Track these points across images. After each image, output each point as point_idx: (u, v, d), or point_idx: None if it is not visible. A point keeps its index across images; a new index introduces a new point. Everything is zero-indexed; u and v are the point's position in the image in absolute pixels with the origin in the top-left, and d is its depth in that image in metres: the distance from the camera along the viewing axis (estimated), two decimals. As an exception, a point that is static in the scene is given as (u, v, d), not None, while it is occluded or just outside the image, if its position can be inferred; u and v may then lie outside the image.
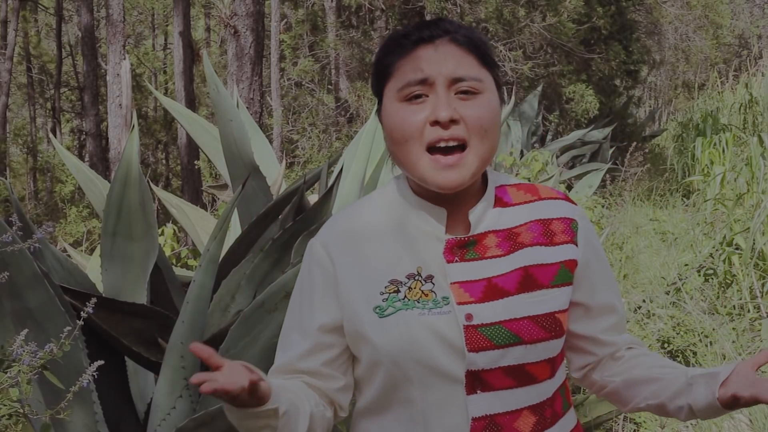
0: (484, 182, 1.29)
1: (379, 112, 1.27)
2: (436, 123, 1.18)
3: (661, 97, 19.90)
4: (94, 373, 1.64)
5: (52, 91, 18.24)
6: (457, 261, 1.23)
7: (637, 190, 9.12)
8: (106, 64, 10.23)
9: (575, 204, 1.31)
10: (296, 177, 8.05)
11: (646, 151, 11.18)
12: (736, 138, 8.79)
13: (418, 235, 1.25)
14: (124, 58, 8.89)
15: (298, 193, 2.58)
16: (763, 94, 10.26)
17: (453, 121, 1.18)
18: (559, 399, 1.28)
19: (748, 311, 4.66)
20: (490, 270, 1.22)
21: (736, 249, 5.09)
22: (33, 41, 18.65)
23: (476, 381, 1.20)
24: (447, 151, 1.18)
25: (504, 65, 9.30)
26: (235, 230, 3.28)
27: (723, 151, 8.18)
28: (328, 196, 2.49)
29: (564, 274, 1.25)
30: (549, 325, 1.21)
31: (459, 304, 1.20)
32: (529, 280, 1.22)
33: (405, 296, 1.22)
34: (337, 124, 10.93)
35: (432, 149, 1.19)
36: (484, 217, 1.26)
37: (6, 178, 12.19)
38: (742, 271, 4.88)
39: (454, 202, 1.25)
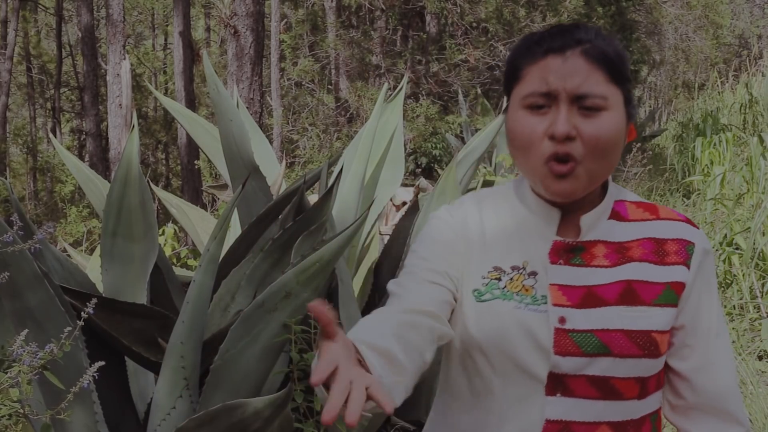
0: (603, 193, 1.28)
1: (506, 110, 1.28)
2: (552, 137, 1.18)
3: (661, 97, 19.91)
4: (95, 374, 1.64)
5: (52, 91, 18.25)
6: (561, 263, 1.23)
7: (637, 190, 9.12)
8: (106, 64, 10.22)
9: (697, 228, 1.27)
10: (296, 177, 8.05)
11: (647, 151, 11.17)
12: (736, 138, 8.79)
13: (531, 232, 1.26)
14: (124, 58, 8.90)
15: (298, 193, 2.58)
16: (763, 94, 10.26)
17: (569, 138, 1.18)
18: (648, 425, 1.25)
19: (748, 311, 4.66)
20: (593, 278, 1.22)
21: (736, 249, 5.09)
22: (33, 41, 18.66)
23: (558, 384, 1.19)
24: (562, 160, 1.19)
25: (504, 65, 9.31)
26: (235, 230, 3.28)
27: (723, 151, 8.18)
28: (328, 196, 2.49)
29: (669, 295, 1.22)
30: (643, 343, 1.19)
31: (554, 305, 1.20)
32: (630, 294, 1.21)
33: (505, 286, 1.23)
34: (337, 124, 10.93)
35: (548, 160, 1.20)
36: (597, 225, 1.25)
37: (6, 178, 12.19)
38: (742, 271, 4.88)
39: (569, 207, 1.25)
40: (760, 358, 4.19)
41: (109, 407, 2.29)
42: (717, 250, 5.26)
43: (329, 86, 11.96)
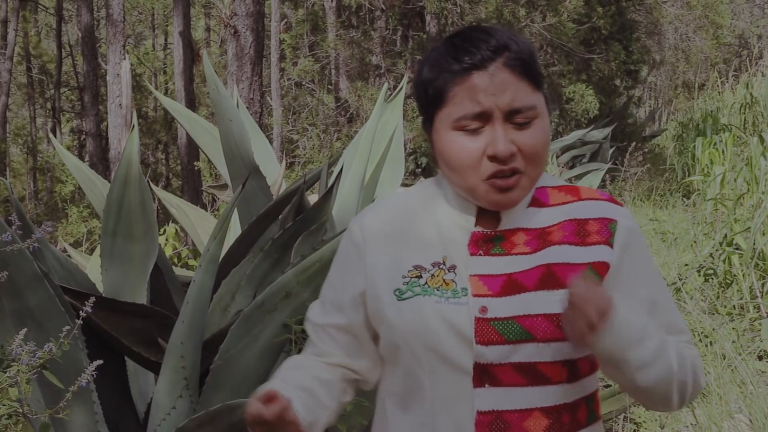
0: None
1: (427, 130, 1.28)
2: (494, 158, 1.19)
3: (661, 97, 19.90)
4: (94, 373, 1.64)
5: (52, 91, 18.25)
6: (480, 254, 1.24)
7: (637, 190, 9.13)
8: (106, 64, 10.23)
9: (620, 205, 1.28)
10: (296, 177, 8.05)
11: (646, 151, 11.17)
12: (736, 138, 8.79)
13: (449, 226, 1.27)
14: (124, 58, 8.90)
15: (298, 193, 2.58)
16: (763, 94, 10.26)
17: (512, 156, 1.20)
18: (583, 408, 1.25)
19: (748, 311, 4.66)
20: (513, 266, 1.23)
21: (736, 249, 5.09)
22: (33, 41, 18.65)
23: (485, 375, 1.20)
24: (506, 175, 1.21)
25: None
26: (235, 230, 3.28)
27: (723, 151, 8.18)
28: (328, 196, 2.49)
29: (591, 275, 1.21)
30: None
31: (475, 296, 1.21)
32: (550, 278, 1.21)
33: (426, 283, 1.24)
34: (337, 124, 10.93)
35: (491, 177, 1.21)
36: (517, 214, 1.26)
37: (6, 178, 12.19)
38: (742, 271, 4.88)
39: None
40: (760, 358, 4.19)
41: (109, 407, 2.29)
42: (717, 250, 5.26)
43: (329, 86, 11.96)
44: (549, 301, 1.19)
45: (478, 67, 1.20)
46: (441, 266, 1.24)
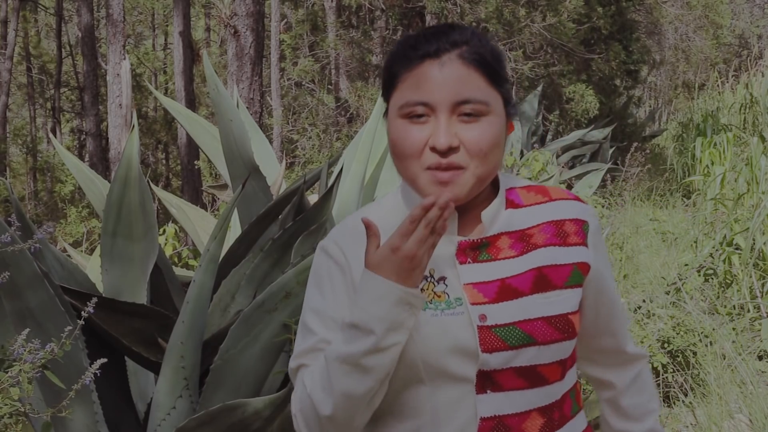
0: (494, 185, 1.28)
1: (386, 117, 1.27)
2: (434, 149, 1.17)
3: (661, 97, 19.91)
4: (96, 371, 1.64)
5: (52, 91, 18.25)
6: (469, 262, 1.22)
7: (637, 190, 9.13)
8: (106, 64, 10.22)
9: (585, 204, 1.30)
10: (296, 177, 8.04)
11: (646, 151, 11.18)
12: (737, 138, 8.79)
13: None
14: (124, 58, 8.90)
15: (298, 193, 2.58)
16: (763, 94, 10.26)
17: (451, 149, 1.17)
18: (569, 401, 1.28)
19: (748, 311, 4.66)
20: (504, 271, 1.22)
21: (736, 249, 5.09)
22: (33, 41, 18.66)
23: (487, 381, 1.20)
24: (445, 169, 1.18)
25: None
26: (235, 230, 3.28)
27: (723, 151, 8.18)
28: (328, 196, 2.49)
29: (577, 275, 1.24)
30: (562, 326, 1.21)
31: (473, 304, 1.20)
32: (542, 280, 1.22)
33: None
34: (337, 124, 10.93)
35: (430, 168, 1.19)
36: (497, 218, 1.25)
37: (6, 178, 12.19)
38: (742, 271, 4.88)
39: (464, 205, 1.24)
40: (760, 358, 4.19)
41: (109, 407, 2.29)
42: (717, 250, 5.27)
43: (329, 86, 11.96)
44: (545, 304, 1.20)
45: (431, 56, 1.18)
46: (429, 279, 1.22)
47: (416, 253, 1.10)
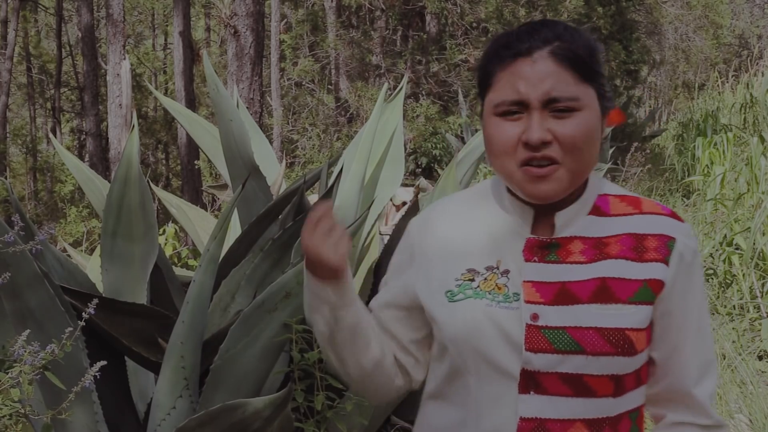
0: (583, 189, 1.28)
1: (481, 116, 1.29)
2: (528, 144, 1.19)
3: (661, 97, 19.91)
4: (97, 373, 1.64)
5: (52, 91, 18.25)
6: (535, 261, 1.23)
7: (637, 190, 9.12)
8: (106, 64, 10.22)
9: (681, 222, 1.25)
10: (296, 177, 8.04)
11: (646, 151, 11.17)
12: (737, 138, 8.79)
13: (504, 230, 1.27)
14: (124, 58, 8.90)
15: (298, 193, 2.58)
16: (763, 94, 10.26)
17: (544, 143, 1.18)
18: (626, 422, 1.24)
19: (748, 311, 4.66)
20: (568, 275, 1.21)
21: (736, 249, 5.09)
22: (33, 41, 18.66)
23: (531, 381, 1.19)
24: (539, 164, 1.20)
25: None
26: (235, 230, 3.28)
27: (723, 151, 8.18)
28: (328, 196, 2.49)
29: (645, 292, 1.20)
30: (616, 341, 1.18)
31: (527, 302, 1.21)
32: (605, 291, 1.20)
33: (478, 286, 1.24)
34: (337, 124, 10.93)
35: (524, 164, 1.20)
36: (574, 222, 1.25)
37: (6, 178, 12.19)
38: (742, 271, 4.88)
39: (546, 204, 1.25)
40: (760, 358, 4.19)
41: (109, 407, 2.29)
42: (717, 250, 5.27)
43: (329, 86, 11.96)
44: (601, 315, 1.19)
45: (524, 54, 1.21)
46: (494, 270, 1.24)
47: (308, 247, 1.22)
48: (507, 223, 1.27)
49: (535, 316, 1.20)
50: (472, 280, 1.25)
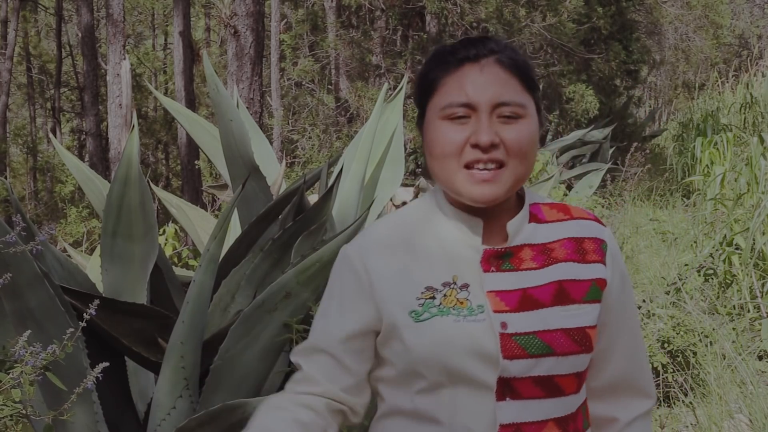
0: (519, 198, 1.32)
1: (420, 124, 1.31)
2: (476, 146, 1.21)
3: (661, 97, 19.92)
4: (99, 375, 1.64)
5: (52, 91, 18.25)
6: (493, 271, 1.25)
7: (637, 190, 9.13)
8: (106, 64, 10.23)
9: (604, 225, 1.35)
10: (296, 177, 8.04)
11: (646, 151, 11.17)
12: (737, 138, 8.79)
13: (454, 244, 1.28)
14: (124, 58, 8.90)
15: (298, 193, 2.58)
16: (763, 94, 10.26)
17: (493, 146, 1.21)
18: (581, 416, 1.30)
19: (748, 311, 4.66)
20: (525, 281, 1.25)
21: (736, 249, 5.09)
22: (33, 41, 18.66)
23: (506, 388, 1.22)
24: (485, 168, 1.22)
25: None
26: (235, 230, 3.28)
27: (723, 151, 8.18)
28: (328, 196, 2.49)
29: (595, 291, 1.27)
30: (580, 339, 1.24)
31: (495, 312, 1.22)
32: (562, 293, 1.25)
33: (440, 303, 1.24)
34: (337, 124, 10.93)
35: (468, 166, 1.22)
36: (521, 230, 1.29)
37: (6, 178, 12.19)
38: (742, 271, 4.88)
39: (489, 214, 1.28)
40: (760, 358, 4.20)
41: (109, 407, 2.29)
42: (717, 250, 5.27)
43: (329, 86, 11.95)
44: (564, 316, 1.24)
45: (471, 60, 1.24)
46: (452, 286, 1.25)
47: None
48: (455, 236, 1.28)
49: (504, 325, 1.22)
50: (433, 297, 1.24)
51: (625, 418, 1.37)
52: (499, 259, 1.26)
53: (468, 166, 1.22)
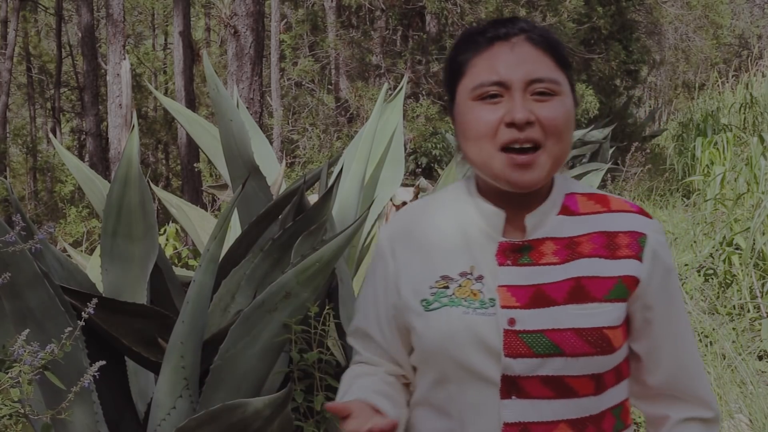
0: (551, 188, 1.27)
1: (450, 109, 1.27)
2: (511, 124, 1.16)
3: (661, 97, 19.91)
4: (96, 373, 1.64)
5: (52, 91, 18.24)
6: (509, 264, 1.22)
7: (637, 190, 9.13)
8: (106, 64, 10.22)
9: (650, 218, 1.25)
10: (296, 177, 8.04)
11: (646, 151, 11.17)
12: (737, 138, 8.79)
13: (476, 235, 1.25)
14: (124, 58, 8.90)
15: (298, 193, 2.58)
16: (763, 94, 10.26)
17: (528, 123, 1.16)
18: (610, 418, 1.24)
19: (748, 311, 4.66)
20: (542, 277, 1.20)
21: (736, 249, 5.09)
22: (33, 41, 18.65)
23: (512, 386, 1.19)
24: (521, 151, 1.17)
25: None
26: (235, 230, 3.28)
27: (723, 151, 8.18)
28: (328, 196, 2.49)
29: (620, 289, 1.20)
30: (594, 340, 1.17)
31: (503, 307, 1.19)
32: (580, 291, 1.19)
33: (453, 293, 1.22)
34: (337, 124, 10.92)
35: (506, 149, 1.18)
36: (544, 223, 1.23)
37: (6, 178, 12.19)
38: (742, 271, 4.88)
39: (516, 206, 1.23)
40: (760, 358, 4.19)
41: (109, 407, 2.29)
42: (717, 250, 5.27)
43: (329, 86, 11.95)
44: (578, 316, 1.18)
45: (501, 38, 1.21)
46: (468, 276, 1.22)
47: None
48: (477, 227, 1.25)
49: (512, 321, 1.18)
50: (447, 287, 1.23)
51: (676, 416, 1.29)
52: (517, 252, 1.22)
53: (504, 149, 1.17)
